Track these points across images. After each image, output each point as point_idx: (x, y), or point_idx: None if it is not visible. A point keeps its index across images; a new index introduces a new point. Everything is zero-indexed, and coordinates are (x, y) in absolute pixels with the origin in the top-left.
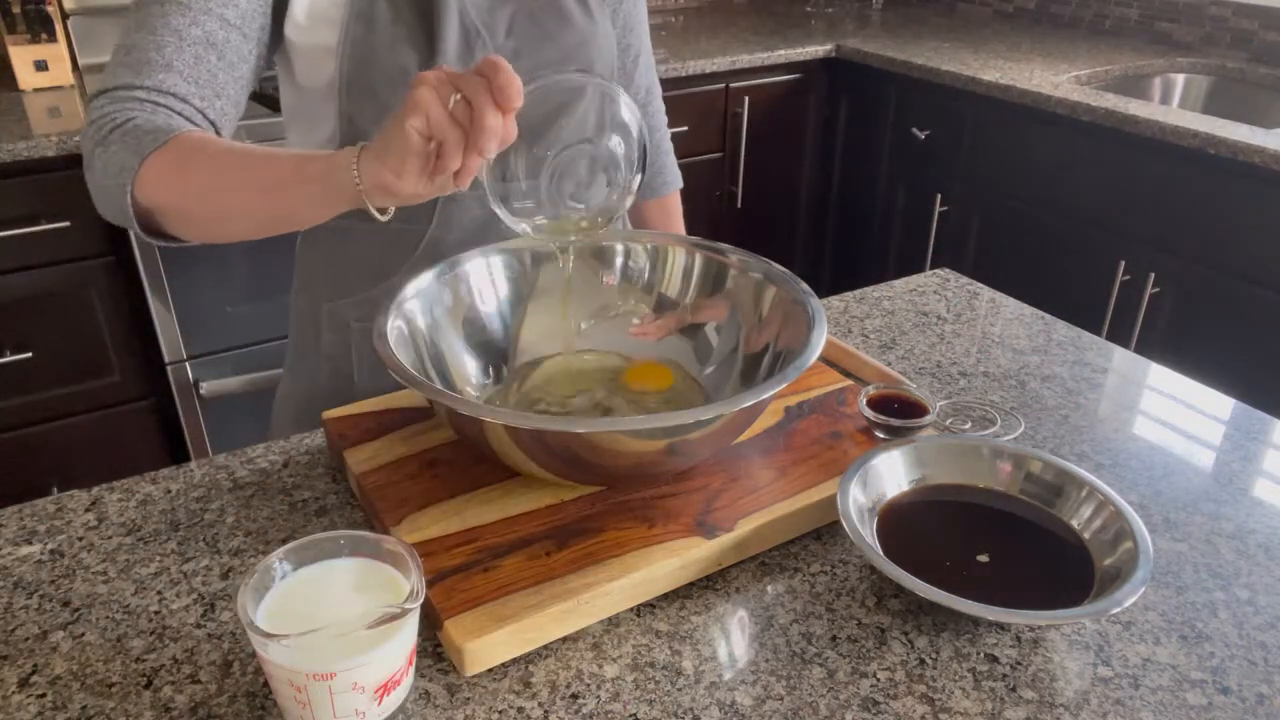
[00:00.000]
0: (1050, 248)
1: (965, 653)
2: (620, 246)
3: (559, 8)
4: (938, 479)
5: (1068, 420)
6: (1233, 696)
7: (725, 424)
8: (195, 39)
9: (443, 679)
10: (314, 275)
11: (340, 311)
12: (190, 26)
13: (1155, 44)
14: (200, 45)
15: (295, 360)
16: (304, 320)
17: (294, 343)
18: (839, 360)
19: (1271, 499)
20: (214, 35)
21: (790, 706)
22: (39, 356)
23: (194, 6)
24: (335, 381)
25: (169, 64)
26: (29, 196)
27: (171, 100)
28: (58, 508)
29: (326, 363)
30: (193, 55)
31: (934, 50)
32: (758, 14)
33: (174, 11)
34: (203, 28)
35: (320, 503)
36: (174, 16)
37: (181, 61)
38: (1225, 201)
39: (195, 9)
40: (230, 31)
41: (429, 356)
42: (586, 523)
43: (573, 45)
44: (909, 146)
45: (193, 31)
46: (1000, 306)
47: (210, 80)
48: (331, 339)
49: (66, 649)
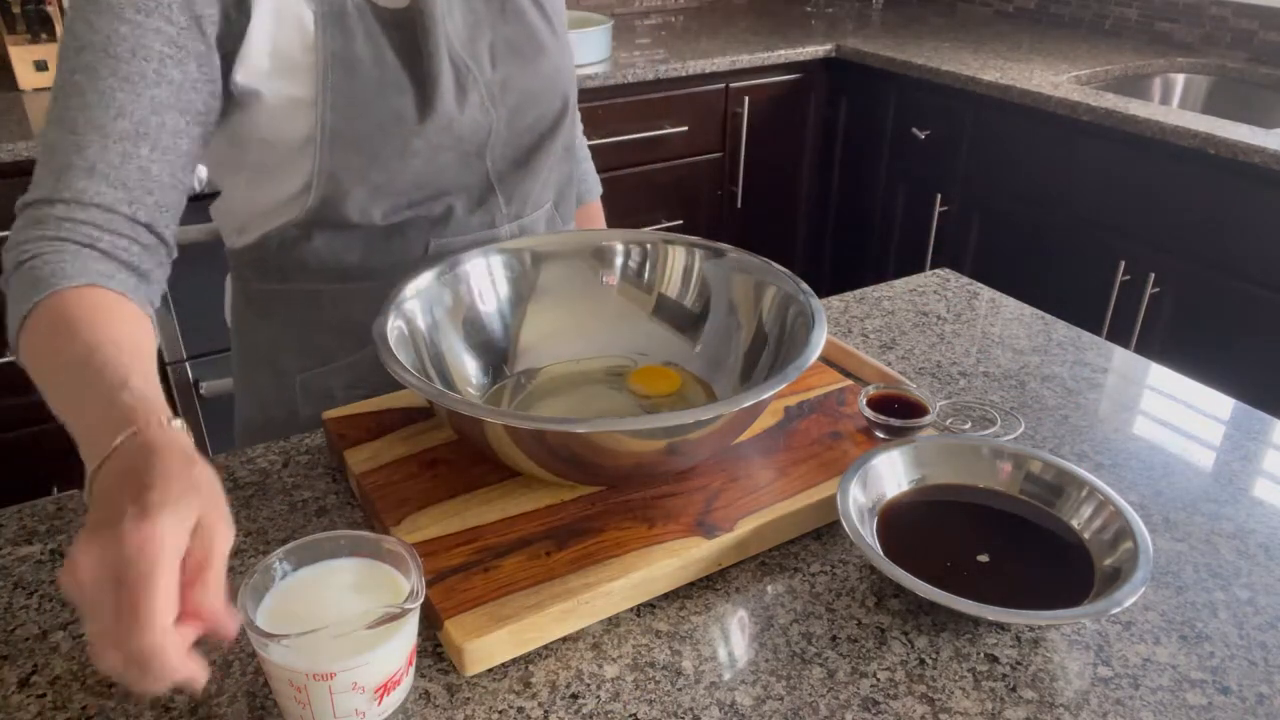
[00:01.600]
0: (1050, 248)
1: (965, 653)
2: (620, 246)
3: (531, 33)
4: (938, 479)
5: (1068, 420)
6: (1233, 696)
7: (725, 424)
8: (122, 134)
9: (443, 679)
10: (275, 347)
11: (320, 381)
12: (116, 120)
13: (1155, 44)
14: (128, 140)
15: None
16: (268, 397)
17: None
18: (839, 360)
19: (1271, 499)
20: (144, 124)
21: (790, 706)
22: None
23: (119, 95)
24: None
25: (91, 168)
26: None
27: (93, 213)
28: (58, 508)
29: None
30: (119, 153)
31: (934, 50)
32: (758, 14)
33: (96, 103)
34: (130, 119)
35: (320, 503)
36: (96, 110)
37: (105, 164)
38: (1225, 201)
39: (121, 97)
40: (164, 114)
41: (429, 356)
42: (586, 523)
43: (549, 72)
44: (909, 146)
45: (119, 125)
46: (1000, 306)
47: (141, 178)
48: (312, 412)
49: (66, 649)
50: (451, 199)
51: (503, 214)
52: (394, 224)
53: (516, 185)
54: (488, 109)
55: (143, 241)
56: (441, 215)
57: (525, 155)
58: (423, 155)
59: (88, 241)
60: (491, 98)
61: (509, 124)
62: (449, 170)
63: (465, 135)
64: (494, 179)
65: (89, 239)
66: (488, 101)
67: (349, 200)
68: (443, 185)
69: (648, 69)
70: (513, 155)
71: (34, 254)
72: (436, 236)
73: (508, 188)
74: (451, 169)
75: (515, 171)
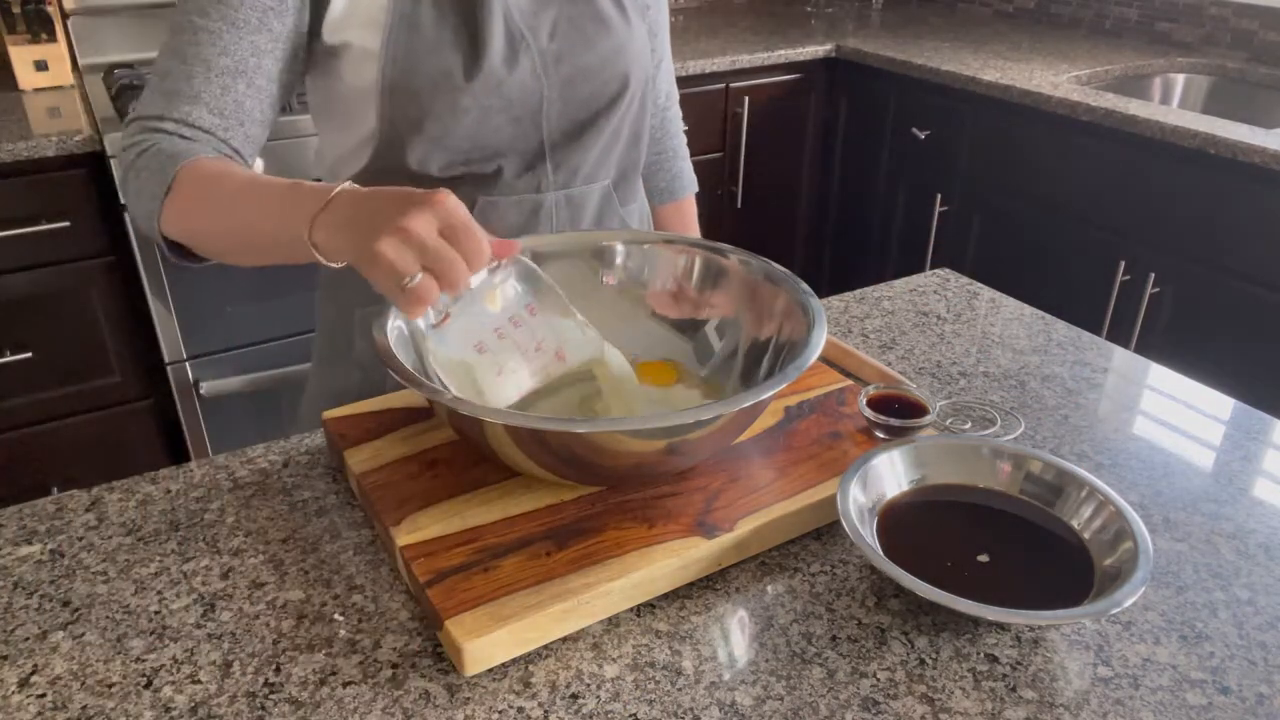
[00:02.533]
0: (1050, 248)
1: (965, 653)
2: (620, 246)
3: (598, 12)
4: (938, 479)
5: (1068, 420)
6: (1233, 696)
7: (725, 424)
8: (224, 69)
9: (443, 679)
10: (342, 280)
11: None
12: (220, 56)
13: (1155, 44)
14: (228, 75)
15: (323, 364)
16: (333, 326)
17: (321, 347)
18: (839, 360)
19: (1271, 499)
20: (244, 64)
21: (790, 706)
22: (39, 356)
23: (225, 35)
24: (365, 388)
25: (196, 95)
26: (29, 196)
27: (195, 133)
28: (58, 508)
29: (358, 370)
30: (220, 86)
31: (934, 50)
32: (758, 14)
33: (206, 41)
34: (232, 57)
35: (320, 503)
36: (205, 46)
37: (209, 93)
38: (1225, 201)
39: (227, 38)
40: (262, 58)
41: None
42: (586, 523)
43: (610, 51)
44: (909, 146)
45: (222, 61)
46: (1000, 306)
47: (236, 110)
48: (365, 345)
49: (66, 649)
50: (503, 160)
51: (549, 181)
52: (449, 178)
53: (567, 156)
54: (539, 75)
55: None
56: (492, 174)
57: (579, 128)
58: (473, 114)
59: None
60: (544, 66)
61: (563, 94)
62: (503, 131)
63: (515, 98)
64: (547, 146)
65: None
66: (539, 69)
67: (409, 149)
68: (497, 146)
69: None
70: (567, 126)
71: (155, 144)
72: (485, 194)
73: (559, 156)
74: (506, 130)
75: (568, 142)
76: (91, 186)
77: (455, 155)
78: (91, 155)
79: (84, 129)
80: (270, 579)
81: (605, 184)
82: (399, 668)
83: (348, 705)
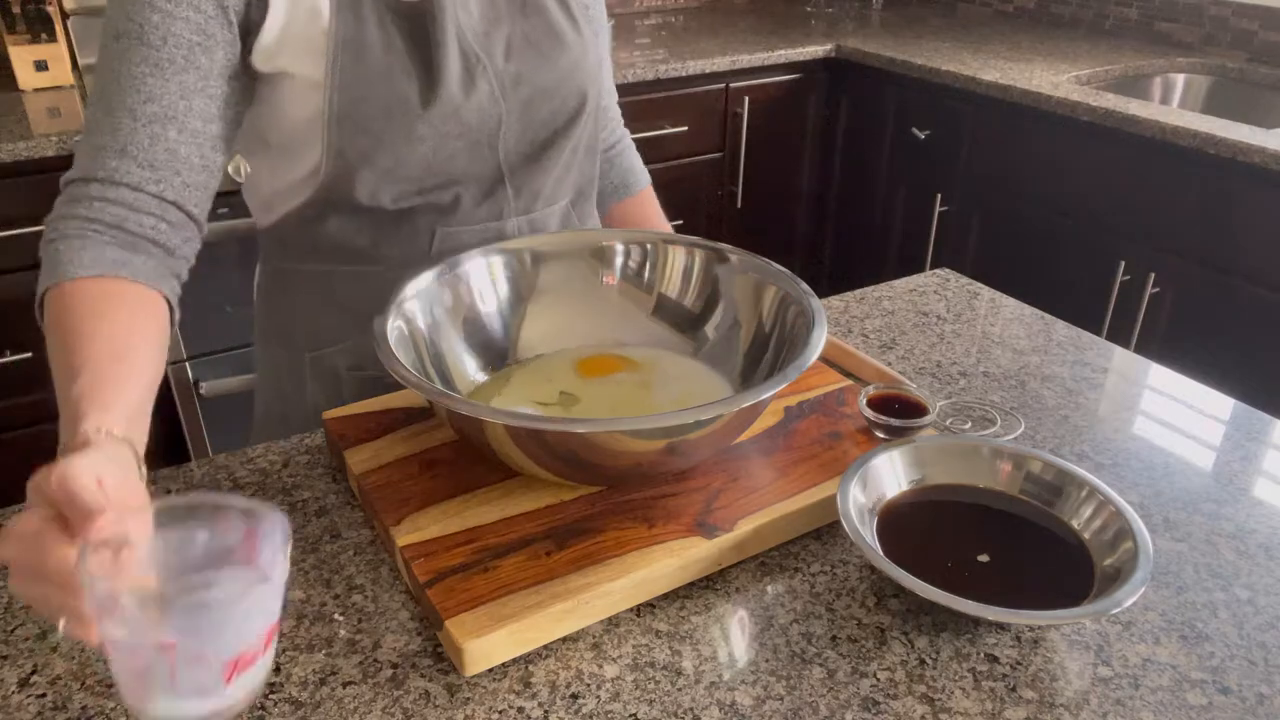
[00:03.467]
0: (1050, 248)
1: (965, 653)
2: (620, 246)
3: (551, 28)
4: (938, 479)
5: (1068, 420)
6: (1233, 696)
7: (725, 424)
8: (151, 116)
9: (443, 679)
10: (289, 323)
11: (327, 360)
12: (145, 104)
13: (1155, 44)
14: (157, 123)
15: (270, 407)
16: (280, 371)
17: (265, 392)
18: (839, 360)
19: (1271, 499)
20: (172, 108)
21: (790, 706)
22: (39, 356)
23: (149, 80)
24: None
25: (123, 149)
26: (29, 196)
27: (123, 192)
28: None
29: (313, 413)
30: (148, 136)
31: (934, 50)
32: (758, 14)
33: (129, 87)
34: (159, 103)
35: (320, 503)
36: (129, 93)
37: (135, 145)
38: (1225, 201)
39: (151, 83)
40: (192, 99)
41: (429, 356)
42: (586, 523)
43: (567, 67)
44: (909, 146)
45: (148, 109)
46: (1000, 306)
47: (169, 159)
48: (318, 389)
49: (66, 649)
50: (460, 188)
51: (511, 207)
52: (403, 209)
53: (527, 179)
54: (497, 99)
55: (170, 219)
56: (449, 204)
57: (538, 150)
58: (429, 141)
59: (115, 222)
60: (502, 89)
61: (521, 116)
62: (459, 158)
63: (473, 124)
64: (505, 171)
65: (117, 219)
66: (497, 92)
67: (358, 181)
68: (452, 173)
69: (648, 69)
70: (525, 149)
71: (60, 235)
72: (444, 225)
73: (518, 181)
74: (461, 157)
75: (527, 165)
76: None
77: (409, 185)
78: None
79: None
80: None
81: (564, 204)
82: (399, 668)
83: (348, 705)
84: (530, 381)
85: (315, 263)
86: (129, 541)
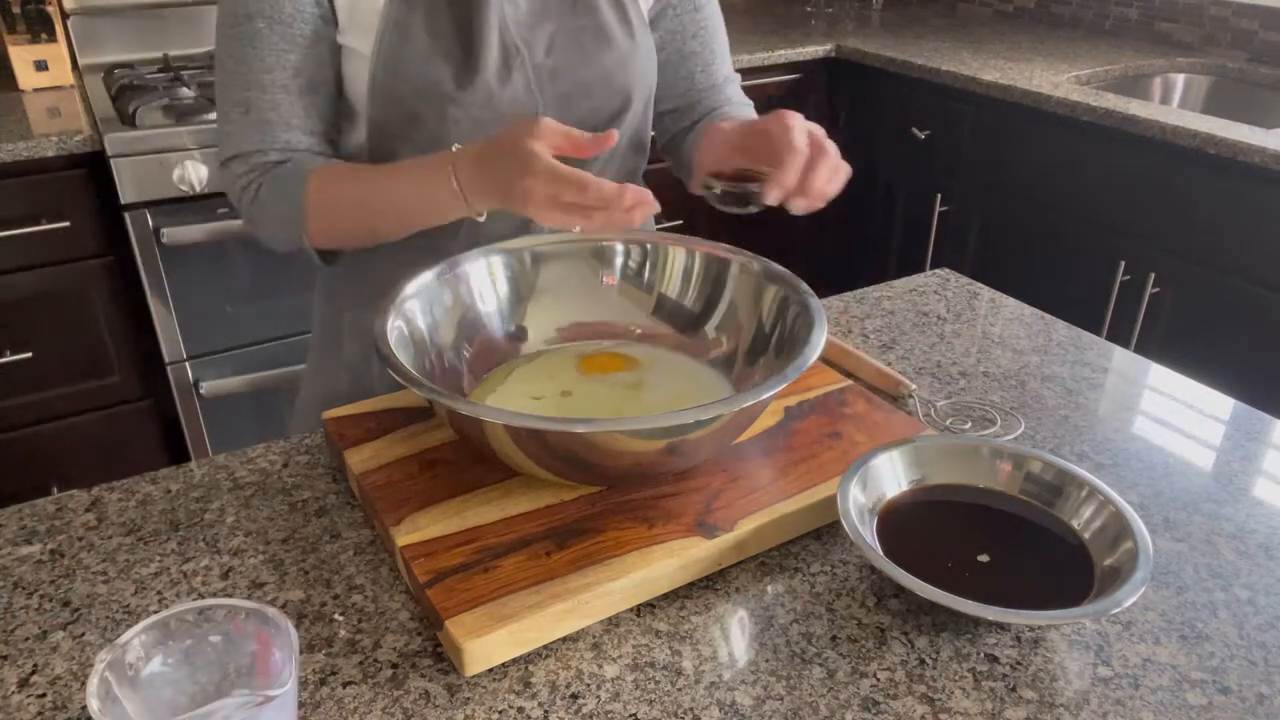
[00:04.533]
0: (1050, 248)
1: (965, 653)
2: (620, 246)
3: (600, 28)
4: (937, 479)
5: (1068, 420)
6: (1233, 696)
7: (725, 424)
8: (301, 89)
9: (443, 679)
10: (336, 282)
11: (363, 320)
12: (294, 78)
13: (1155, 44)
14: (308, 95)
15: (316, 364)
16: (326, 326)
17: (315, 346)
18: (839, 360)
19: (1271, 499)
20: (315, 78)
21: (790, 706)
22: (39, 356)
23: (291, 57)
24: (354, 390)
25: (288, 122)
26: (29, 196)
27: (302, 156)
28: (58, 508)
29: (346, 372)
30: (304, 106)
31: (934, 50)
32: (758, 14)
33: (276, 67)
34: (305, 76)
35: (320, 503)
36: (278, 72)
37: (297, 117)
38: (1225, 201)
39: (293, 59)
40: (327, 69)
41: (429, 356)
42: (586, 523)
43: (611, 66)
44: (909, 146)
45: (297, 83)
46: (1000, 306)
47: (321, 120)
48: (352, 348)
49: (66, 649)
50: None
51: None
52: None
53: None
54: (533, 91)
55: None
56: None
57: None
58: (464, 125)
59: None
60: (539, 82)
61: (560, 111)
62: None
63: (508, 114)
64: None
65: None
66: (533, 85)
67: (399, 158)
68: None
69: None
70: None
71: (262, 174)
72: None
73: None
74: None
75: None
76: (91, 186)
77: None
78: (91, 155)
79: (84, 129)
80: (270, 579)
81: None
82: (399, 668)
83: (348, 705)
84: (531, 379)
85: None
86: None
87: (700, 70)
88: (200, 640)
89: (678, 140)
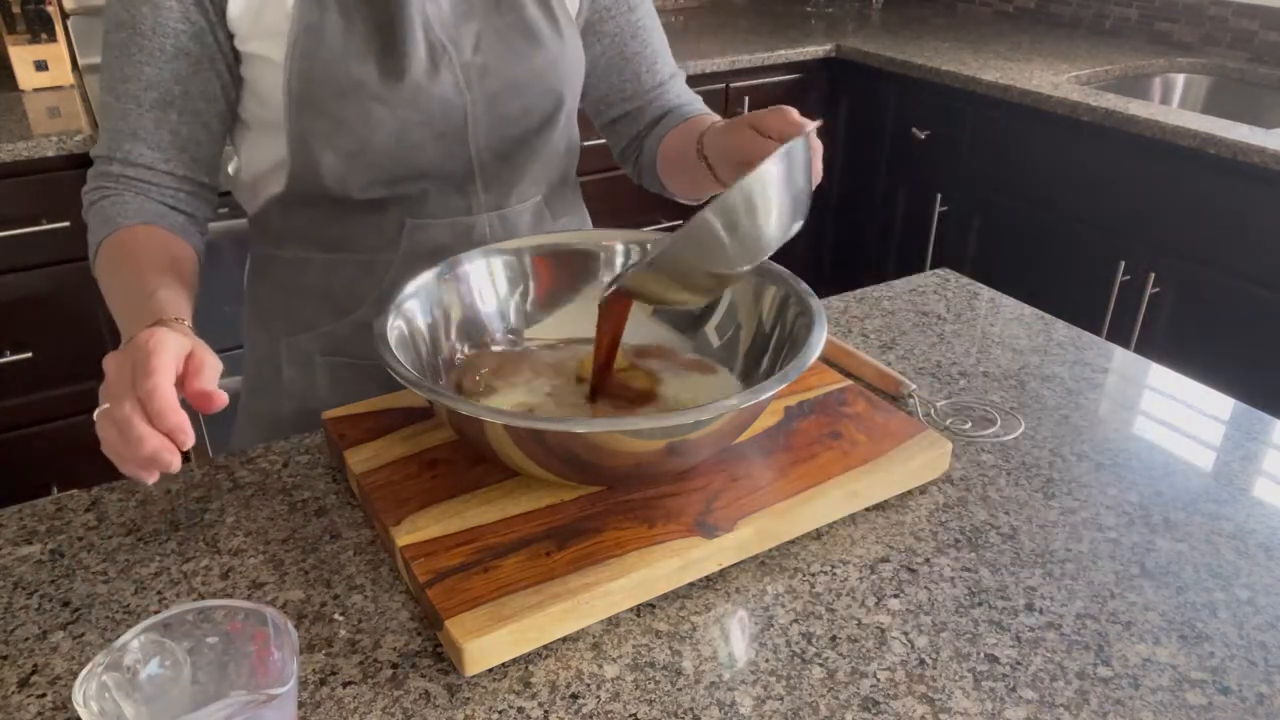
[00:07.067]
0: (1050, 248)
1: (965, 653)
2: (620, 246)
3: (527, 26)
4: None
5: (1068, 420)
6: (1233, 696)
7: (725, 424)
8: (152, 103)
9: (443, 679)
10: (269, 308)
11: (301, 345)
12: (146, 91)
13: (1155, 44)
14: (158, 109)
15: (254, 390)
16: (261, 354)
17: (250, 374)
18: (839, 360)
19: (1271, 499)
20: (169, 94)
21: (790, 706)
22: (39, 356)
23: (146, 70)
24: (299, 419)
25: (134, 133)
26: (29, 196)
27: (140, 170)
28: (58, 508)
29: (289, 400)
30: (153, 120)
31: (934, 50)
32: (758, 14)
33: (131, 76)
34: (158, 90)
35: (320, 503)
36: (131, 82)
37: (145, 130)
38: (1225, 201)
39: (148, 72)
40: (188, 84)
41: (429, 356)
42: (586, 523)
43: (542, 66)
44: (909, 146)
45: (149, 96)
46: (1000, 306)
47: (174, 140)
48: (293, 374)
49: (66, 649)
50: (428, 182)
51: (480, 202)
52: (372, 200)
53: (500, 176)
54: (462, 90)
55: (185, 189)
56: (418, 196)
57: (510, 147)
58: (389, 125)
59: (141, 191)
60: (468, 80)
61: (489, 110)
62: (426, 149)
63: (436, 113)
64: (476, 165)
65: (142, 190)
66: (462, 83)
67: (323, 167)
68: (421, 166)
69: None
70: (497, 145)
71: (103, 195)
72: (413, 217)
73: (489, 176)
74: (429, 148)
75: (499, 162)
76: None
77: (376, 174)
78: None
79: (84, 129)
80: (270, 579)
81: (537, 200)
82: (399, 668)
83: (348, 705)
84: (531, 380)
85: (292, 249)
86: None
87: (645, 70)
88: (200, 641)
89: (635, 146)
